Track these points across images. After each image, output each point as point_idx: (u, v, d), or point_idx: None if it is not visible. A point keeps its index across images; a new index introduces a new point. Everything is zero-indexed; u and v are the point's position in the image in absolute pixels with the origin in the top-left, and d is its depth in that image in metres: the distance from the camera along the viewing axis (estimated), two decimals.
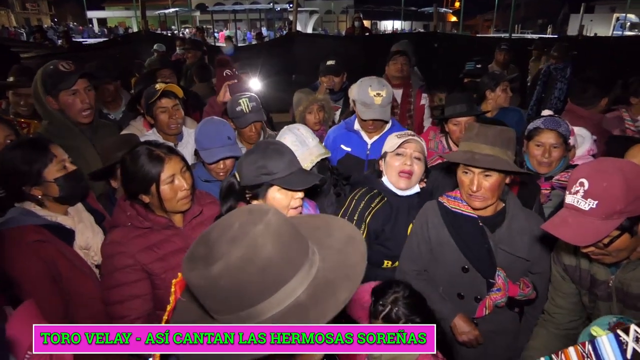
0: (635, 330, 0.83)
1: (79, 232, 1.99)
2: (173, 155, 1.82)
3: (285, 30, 19.40)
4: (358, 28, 9.54)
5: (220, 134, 2.35)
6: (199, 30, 12.28)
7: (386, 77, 4.16)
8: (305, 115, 3.26)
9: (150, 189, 1.78)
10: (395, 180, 2.14)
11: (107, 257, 1.81)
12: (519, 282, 1.89)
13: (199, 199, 2.03)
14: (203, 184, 2.40)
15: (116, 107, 4.05)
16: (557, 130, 2.32)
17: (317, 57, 4.28)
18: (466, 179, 1.83)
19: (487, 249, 1.87)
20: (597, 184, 1.38)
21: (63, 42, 9.03)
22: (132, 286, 1.77)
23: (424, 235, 2.01)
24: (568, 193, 1.47)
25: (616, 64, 5.83)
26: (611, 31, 16.93)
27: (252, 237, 0.80)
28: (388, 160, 2.18)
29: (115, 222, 1.87)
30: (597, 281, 1.65)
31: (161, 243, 1.84)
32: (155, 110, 2.76)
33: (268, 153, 1.77)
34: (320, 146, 2.32)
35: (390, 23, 29.98)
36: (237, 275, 0.79)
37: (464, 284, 1.93)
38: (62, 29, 16.59)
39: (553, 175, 2.40)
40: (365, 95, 2.60)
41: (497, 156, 1.76)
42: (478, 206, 1.85)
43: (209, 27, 21.90)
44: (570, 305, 1.83)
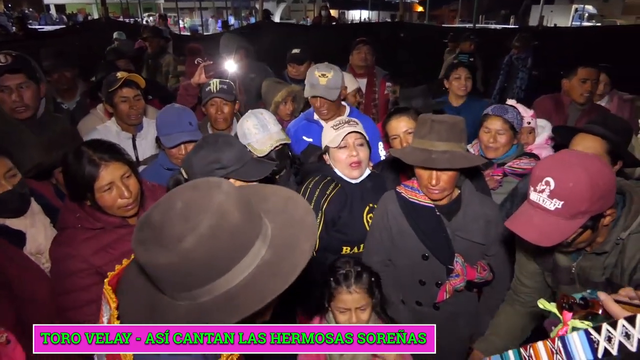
0: (607, 330, 0.82)
1: (30, 238, 1.88)
2: (112, 162, 1.70)
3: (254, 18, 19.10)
4: (325, 17, 9.51)
5: (180, 119, 2.32)
6: (161, 18, 11.92)
7: (350, 66, 4.17)
8: (280, 106, 3.22)
9: (88, 195, 1.70)
10: (347, 172, 2.14)
11: (57, 261, 1.73)
12: (477, 265, 1.94)
13: (153, 192, 1.97)
14: (166, 172, 2.35)
15: (71, 96, 3.78)
16: (502, 116, 2.40)
17: (285, 46, 4.25)
18: (425, 174, 1.84)
19: (444, 237, 1.91)
20: (563, 184, 1.38)
21: (17, 29, 8.59)
22: (86, 291, 1.69)
23: (384, 225, 2.03)
24: (533, 190, 1.47)
25: (575, 53, 6.02)
26: (570, 22, 17.45)
27: (217, 205, 0.82)
28: (333, 154, 2.16)
29: (64, 224, 1.78)
30: (559, 267, 1.70)
31: (115, 243, 1.76)
32: (116, 99, 2.68)
33: (219, 146, 1.74)
34: (281, 132, 2.31)
35: (358, 12, 29.94)
36: (210, 244, 0.80)
37: (424, 271, 1.97)
38: (17, 15, 15.76)
39: (505, 162, 2.46)
40: (312, 77, 2.66)
41: (453, 151, 1.78)
42: (437, 198, 1.88)
43: (174, 15, 21.26)
44: (536, 284, 1.88)
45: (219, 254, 0.82)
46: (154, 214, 0.83)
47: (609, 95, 3.65)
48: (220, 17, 21.06)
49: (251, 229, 0.88)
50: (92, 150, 1.70)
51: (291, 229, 0.95)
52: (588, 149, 1.98)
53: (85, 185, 1.68)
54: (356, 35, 5.10)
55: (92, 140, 1.82)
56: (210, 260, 0.81)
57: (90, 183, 1.67)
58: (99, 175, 1.67)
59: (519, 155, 2.47)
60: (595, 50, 5.98)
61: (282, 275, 0.85)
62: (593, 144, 2.00)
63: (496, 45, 6.98)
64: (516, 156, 2.46)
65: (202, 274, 0.83)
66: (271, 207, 1.01)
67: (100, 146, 1.74)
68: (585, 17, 21.70)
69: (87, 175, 1.66)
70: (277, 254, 0.89)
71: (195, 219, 0.79)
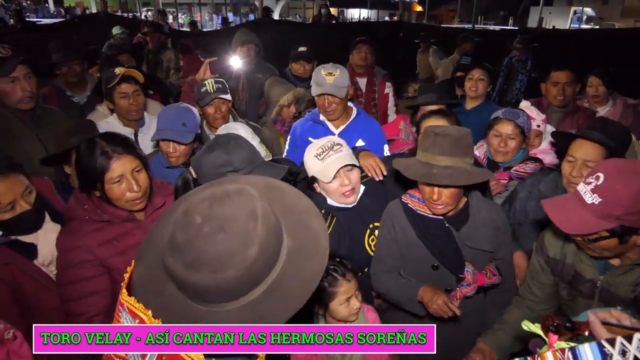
0: (621, 343, 0.79)
1: (42, 249, 1.83)
2: (124, 155, 1.72)
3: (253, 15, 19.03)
4: (325, 16, 9.49)
5: (176, 118, 2.30)
6: (160, 13, 11.86)
7: (350, 66, 4.16)
8: (284, 108, 3.19)
9: (98, 186, 1.71)
10: (342, 201, 2.06)
11: (63, 252, 1.73)
12: (485, 270, 1.91)
13: (161, 189, 1.97)
14: (164, 170, 2.34)
15: (82, 90, 3.72)
16: (514, 121, 2.37)
17: (284, 44, 4.23)
18: (426, 188, 1.80)
19: (454, 248, 1.87)
20: (610, 183, 1.36)
21: (15, 22, 8.55)
22: (90, 282, 1.70)
23: (392, 237, 2.00)
24: (583, 180, 1.46)
25: (573, 56, 6.04)
26: (569, 24, 17.46)
27: (261, 210, 0.83)
28: (324, 186, 2.04)
29: (72, 215, 1.78)
30: (583, 278, 1.66)
31: (121, 236, 1.77)
32: (115, 96, 2.67)
33: (231, 148, 1.72)
34: (261, 147, 2.27)
35: (357, 11, 29.89)
36: (268, 246, 0.83)
37: (434, 280, 1.93)
38: (14, 7, 15.65)
39: (512, 166, 2.44)
40: (318, 76, 2.64)
41: (455, 166, 1.71)
42: (440, 212, 1.84)
43: (173, 10, 21.14)
44: (545, 295, 1.86)
45: (274, 250, 0.85)
46: (180, 235, 0.81)
47: (612, 99, 3.61)
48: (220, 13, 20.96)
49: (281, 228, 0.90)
50: (106, 142, 1.71)
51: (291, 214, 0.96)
52: (586, 155, 1.97)
53: (95, 175, 1.69)
54: (356, 34, 5.10)
55: (106, 133, 1.83)
56: (269, 259, 0.84)
57: (101, 174, 1.68)
58: (110, 167, 1.68)
59: (525, 160, 2.45)
60: (594, 53, 6.01)
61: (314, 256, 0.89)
62: (592, 151, 1.97)
63: (495, 47, 7.00)
64: (522, 160, 2.44)
65: (262, 274, 0.84)
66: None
67: (113, 139, 1.75)
68: (583, 20, 21.73)
69: (98, 166, 1.67)
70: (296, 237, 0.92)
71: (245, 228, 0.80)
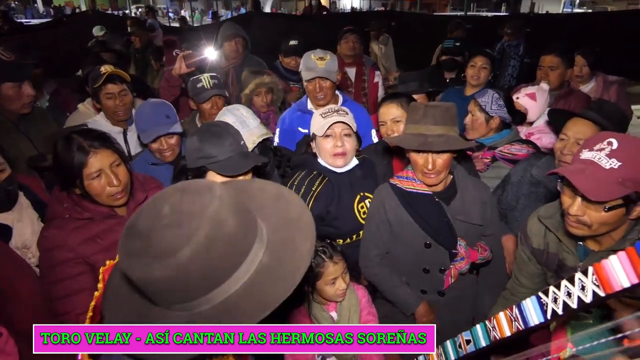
0: (553, 292, 0.87)
1: (17, 232, 1.87)
2: (102, 149, 1.70)
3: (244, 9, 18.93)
4: (315, 7, 9.43)
5: (156, 113, 2.28)
6: (149, 10, 11.70)
7: (338, 56, 4.14)
8: (253, 97, 3.19)
9: (77, 183, 1.69)
10: (331, 162, 2.13)
11: (45, 251, 1.72)
12: (477, 247, 1.96)
13: (143, 184, 1.96)
14: (150, 167, 2.33)
15: (39, 94, 3.60)
16: (476, 99, 2.51)
17: (275, 37, 4.19)
18: (420, 159, 1.85)
19: (446, 222, 1.92)
20: (627, 147, 1.32)
21: (2, 23, 8.45)
22: (74, 280, 1.69)
23: (382, 218, 2.02)
24: (587, 150, 1.40)
25: (566, 40, 6.02)
26: (561, 8, 17.44)
27: (212, 212, 0.76)
28: (319, 142, 2.14)
29: (52, 214, 1.77)
30: (565, 266, 1.66)
31: (104, 233, 1.76)
32: (101, 96, 2.64)
33: (206, 136, 1.72)
34: (261, 126, 2.27)
35: (349, 1, 29.77)
36: (207, 255, 0.75)
37: (428, 259, 1.98)
38: (2, 8, 15.50)
39: (496, 146, 2.46)
40: (308, 61, 2.65)
41: (448, 135, 1.79)
42: (433, 182, 1.89)
43: (163, 7, 21.02)
44: (534, 286, 1.85)
45: (217, 263, 0.78)
46: (141, 221, 0.77)
47: (594, 77, 3.63)
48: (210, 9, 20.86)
49: (248, 233, 0.84)
50: (82, 137, 1.70)
51: (288, 228, 0.91)
52: (579, 133, 2.00)
53: (74, 172, 1.67)
54: (346, 25, 5.06)
55: (82, 129, 1.83)
56: (208, 270, 0.77)
57: (79, 170, 1.67)
58: (87, 162, 1.67)
59: (512, 141, 2.46)
60: (587, 36, 5.99)
61: (284, 280, 0.82)
62: (585, 129, 2.00)
63: (488, 33, 6.97)
64: (508, 141, 2.45)
65: (200, 285, 0.78)
66: (261, 205, 0.96)
67: (89, 133, 1.74)
68: (576, 4, 21.71)
69: (76, 162, 1.66)
70: (276, 256, 0.85)
71: (188, 227, 0.74)
